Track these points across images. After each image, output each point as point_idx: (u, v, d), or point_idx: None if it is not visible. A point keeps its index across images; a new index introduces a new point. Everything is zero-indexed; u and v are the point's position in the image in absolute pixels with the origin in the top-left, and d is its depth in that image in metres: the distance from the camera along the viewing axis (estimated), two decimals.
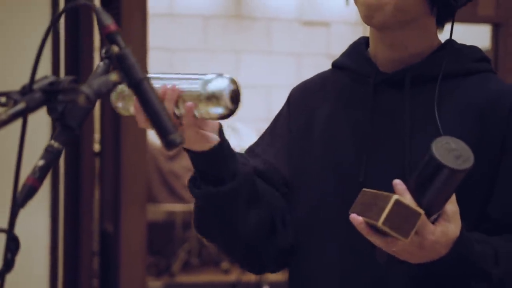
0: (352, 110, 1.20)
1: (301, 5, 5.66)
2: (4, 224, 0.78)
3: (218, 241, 1.20)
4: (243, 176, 1.13)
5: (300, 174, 1.22)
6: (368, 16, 1.13)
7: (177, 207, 5.05)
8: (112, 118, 3.02)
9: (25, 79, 0.81)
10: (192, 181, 1.15)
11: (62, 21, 2.62)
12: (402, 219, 0.96)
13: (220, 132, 1.11)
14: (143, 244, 2.81)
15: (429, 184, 0.98)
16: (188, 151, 1.11)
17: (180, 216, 5.30)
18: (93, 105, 0.74)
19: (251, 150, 1.27)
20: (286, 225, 1.22)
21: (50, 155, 0.80)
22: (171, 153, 5.29)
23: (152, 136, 5.07)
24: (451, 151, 0.97)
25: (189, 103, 1.02)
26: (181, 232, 5.34)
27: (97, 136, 3.41)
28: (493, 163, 1.13)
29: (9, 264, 0.75)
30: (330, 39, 5.63)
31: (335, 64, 1.27)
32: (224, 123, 1.16)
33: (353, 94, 1.21)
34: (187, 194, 5.13)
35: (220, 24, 5.56)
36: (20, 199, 0.77)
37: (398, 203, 0.96)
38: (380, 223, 0.96)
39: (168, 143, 0.75)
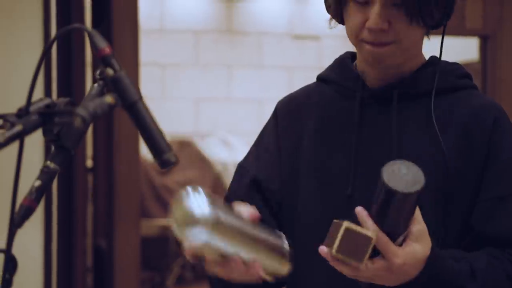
0: (339, 125, 1.22)
1: (291, 19, 5.70)
2: (2, 245, 0.79)
3: None
4: None
5: (289, 189, 1.23)
6: (377, 63, 1.16)
7: (171, 221, 5.04)
8: (104, 133, 3.03)
9: (17, 100, 0.82)
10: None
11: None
12: (354, 245, 0.99)
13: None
14: (136, 259, 2.81)
15: (387, 209, 1.01)
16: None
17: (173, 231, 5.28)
18: (88, 127, 0.76)
19: (241, 166, 1.28)
20: None
21: (46, 176, 0.81)
22: None
23: (145, 151, 5.08)
24: (402, 176, 1.00)
25: (260, 272, 1.03)
26: (175, 247, 5.33)
27: (89, 151, 3.42)
28: (478, 176, 1.15)
29: (8, 284, 0.76)
30: (320, 52, 5.66)
31: (320, 78, 1.28)
32: (217, 136, 1.18)
33: (339, 109, 1.23)
34: None
35: (211, 39, 5.59)
36: (17, 220, 0.78)
37: (348, 230, 0.99)
38: (334, 251, 0.99)
39: (163, 162, 0.77)
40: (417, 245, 1.02)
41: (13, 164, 0.82)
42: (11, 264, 0.78)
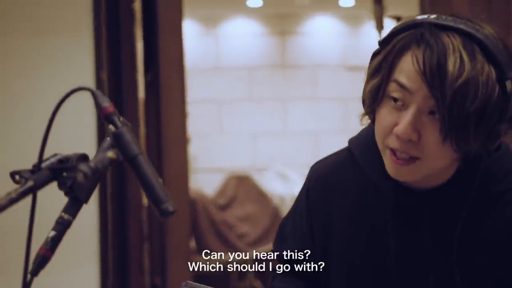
0: (372, 219, 1.13)
1: (345, 51, 5.73)
2: None
3: None
4: None
5: (321, 271, 1.19)
6: (396, 178, 1.06)
7: (231, 256, 5.08)
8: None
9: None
10: None
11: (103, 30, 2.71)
12: None
13: None
14: None
15: None
16: None
17: (234, 266, 5.32)
18: (93, 180, 0.81)
19: (281, 229, 1.26)
20: None
21: (61, 227, 0.87)
22: (222, 203, 5.36)
23: (199, 186, 5.16)
24: None
25: None
26: (237, 282, 5.36)
27: None
28: None
29: None
30: None
31: (352, 156, 1.17)
32: (274, 170, 1.18)
33: (372, 200, 1.13)
34: (240, 244, 5.18)
35: (265, 74, 5.67)
36: (33, 268, 0.84)
37: None
38: None
39: (162, 211, 0.82)
40: None
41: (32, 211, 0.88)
42: None
